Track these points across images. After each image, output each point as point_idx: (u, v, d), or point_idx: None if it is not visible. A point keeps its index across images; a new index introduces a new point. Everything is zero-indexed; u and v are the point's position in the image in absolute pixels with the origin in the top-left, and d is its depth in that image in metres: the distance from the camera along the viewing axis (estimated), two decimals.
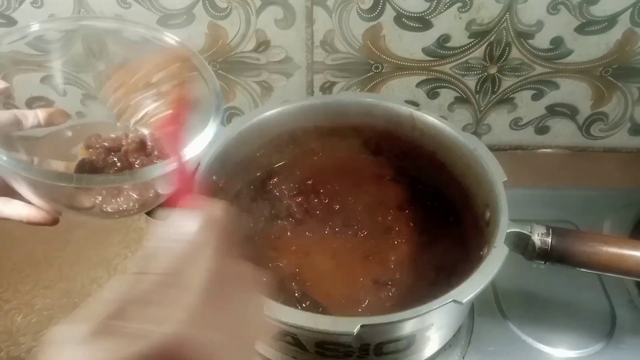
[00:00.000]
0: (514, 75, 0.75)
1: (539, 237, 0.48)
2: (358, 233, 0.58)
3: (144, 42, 0.56)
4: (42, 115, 0.47)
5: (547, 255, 0.48)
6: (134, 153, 0.49)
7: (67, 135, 0.52)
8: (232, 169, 0.57)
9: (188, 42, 0.71)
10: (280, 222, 0.59)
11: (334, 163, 0.64)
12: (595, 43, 0.71)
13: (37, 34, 0.50)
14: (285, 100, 0.60)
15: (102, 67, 0.75)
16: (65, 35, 0.72)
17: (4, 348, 0.58)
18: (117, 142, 0.50)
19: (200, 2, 0.68)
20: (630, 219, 0.70)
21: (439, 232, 0.58)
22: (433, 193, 0.62)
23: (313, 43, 0.72)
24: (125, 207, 0.46)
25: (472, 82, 0.76)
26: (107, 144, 0.50)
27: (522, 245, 0.49)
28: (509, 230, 0.47)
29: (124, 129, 0.54)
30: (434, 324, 0.46)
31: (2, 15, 0.69)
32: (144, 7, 0.68)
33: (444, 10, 0.68)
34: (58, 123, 0.50)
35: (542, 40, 0.71)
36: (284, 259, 0.56)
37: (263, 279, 0.33)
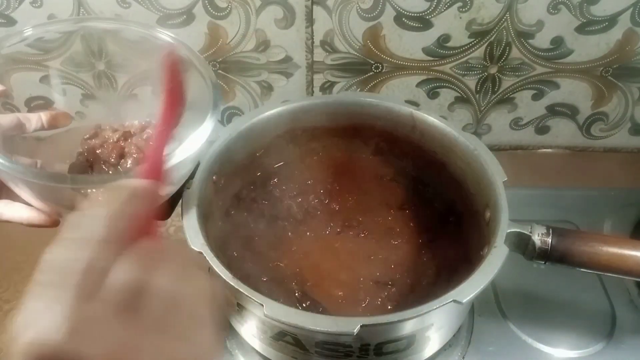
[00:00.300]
0: (514, 75, 0.75)
1: (539, 237, 0.48)
2: (358, 233, 0.58)
3: (143, 40, 0.56)
4: (45, 119, 0.47)
5: (547, 255, 0.48)
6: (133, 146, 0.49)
7: (70, 137, 0.52)
8: (232, 169, 0.57)
9: (188, 41, 0.72)
10: (281, 222, 0.59)
11: (334, 163, 0.64)
12: (596, 43, 0.71)
13: (35, 37, 0.50)
14: (285, 100, 0.60)
15: (101, 66, 0.75)
16: (65, 35, 0.72)
17: (4, 348, 0.58)
18: (119, 132, 0.51)
19: (200, 2, 0.68)
20: (631, 219, 0.70)
21: (439, 232, 0.58)
22: (433, 193, 0.62)
23: (313, 43, 0.72)
24: None
25: (472, 82, 0.76)
26: (108, 135, 0.50)
27: (522, 245, 0.49)
28: (509, 230, 0.47)
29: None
30: (434, 324, 0.46)
31: (2, 15, 0.69)
32: (144, 6, 0.68)
33: (444, 10, 0.68)
34: (62, 126, 0.50)
35: (542, 40, 0.71)
36: (285, 259, 0.56)
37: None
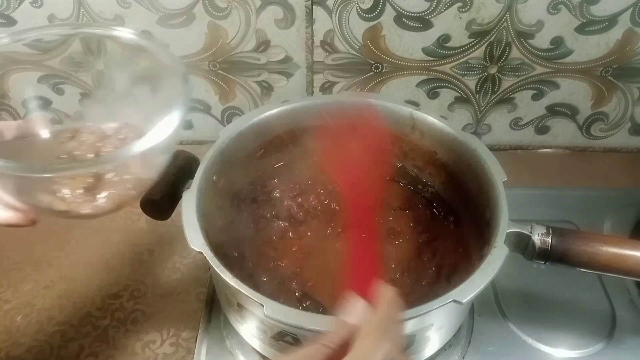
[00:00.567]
0: (514, 75, 0.75)
1: (539, 237, 0.48)
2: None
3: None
4: (23, 126, 0.46)
5: (547, 255, 0.48)
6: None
7: (49, 142, 0.51)
8: (232, 169, 0.57)
9: (188, 42, 0.72)
10: (281, 222, 0.59)
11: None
12: (596, 43, 0.71)
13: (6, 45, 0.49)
14: (285, 100, 0.60)
15: (100, 66, 0.75)
16: (64, 36, 0.72)
17: (4, 348, 0.58)
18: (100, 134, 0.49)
19: (200, 2, 0.68)
20: (630, 219, 0.70)
21: (439, 232, 0.58)
22: (433, 193, 0.62)
23: (313, 43, 0.72)
24: (102, 203, 0.45)
25: (472, 82, 0.76)
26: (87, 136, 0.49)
27: (522, 245, 0.49)
28: (509, 230, 0.47)
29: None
30: (434, 324, 0.46)
31: (2, 15, 0.69)
32: (144, 6, 0.68)
33: (444, 10, 0.68)
34: (39, 132, 0.48)
35: (542, 40, 0.71)
36: (285, 259, 0.56)
37: None
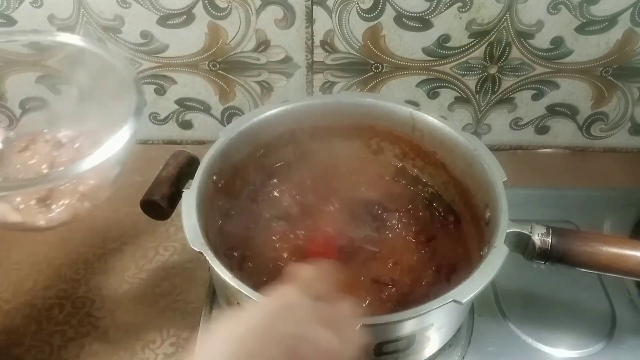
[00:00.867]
0: (514, 75, 0.75)
1: (539, 237, 0.48)
2: (359, 233, 0.58)
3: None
4: None
5: (547, 255, 0.48)
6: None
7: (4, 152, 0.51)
8: (232, 169, 0.57)
9: (188, 42, 0.72)
10: (281, 222, 0.59)
11: (334, 163, 0.64)
12: (596, 43, 0.71)
13: None
14: (285, 100, 0.60)
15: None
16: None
17: (4, 348, 0.58)
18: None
19: (200, 2, 0.68)
20: (630, 219, 0.70)
21: (439, 232, 0.58)
22: (433, 193, 0.62)
23: (313, 43, 0.72)
24: (56, 214, 0.45)
25: (472, 82, 0.76)
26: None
27: (522, 245, 0.49)
28: (509, 230, 0.47)
29: None
30: (434, 324, 0.46)
31: (2, 15, 0.69)
32: (144, 6, 0.68)
33: (444, 10, 0.68)
34: None
35: (542, 40, 0.71)
36: (285, 259, 0.56)
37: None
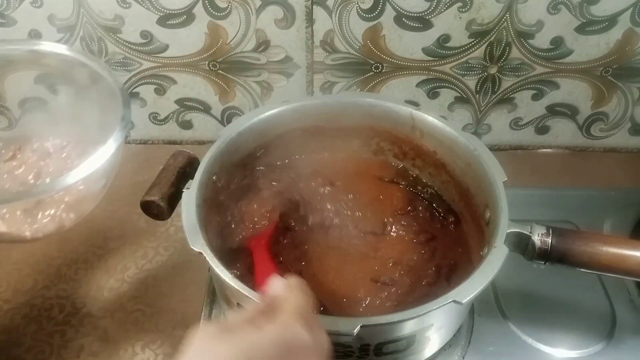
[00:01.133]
0: (514, 75, 0.75)
1: (539, 237, 0.48)
2: (359, 233, 0.58)
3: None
4: None
5: (547, 255, 0.48)
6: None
7: None
8: (232, 169, 0.57)
9: (188, 42, 0.72)
10: (281, 222, 0.59)
11: (334, 163, 0.64)
12: (596, 43, 0.71)
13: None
14: (285, 100, 0.60)
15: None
16: (64, 36, 0.72)
17: (4, 348, 0.58)
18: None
19: (200, 2, 0.68)
20: (630, 219, 0.70)
21: (439, 232, 0.58)
22: (433, 193, 0.62)
23: (313, 43, 0.72)
24: (41, 225, 0.45)
25: (472, 82, 0.76)
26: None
27: (522, 245, 0.49)
28: (509, 230, 0.47)
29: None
30: (434, 324, 0.46)
31: (2, 15, 0.69)
32: (144, 6, 0.68)
33: (444, 10, 0.68)
34: None
35: (542, 40, 0.71)
36: (285, 259, 0.56)
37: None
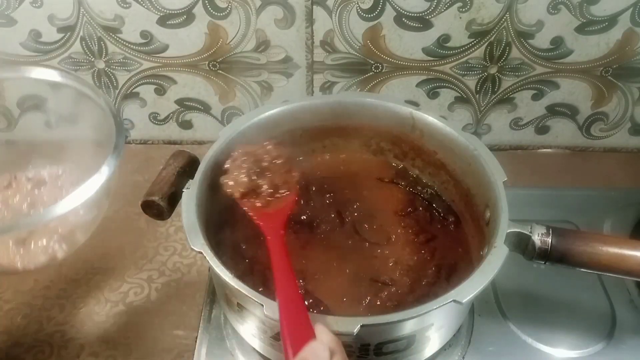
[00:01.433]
0: (514, 75, 0.75)
1: (539, 237, 0.48)
2: (359, 233, 0.58)
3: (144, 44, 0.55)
4: None
5: (547, 255, 0.48)
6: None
7: None
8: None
9: (188, 42, 0.72)
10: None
11: (334, 163, 0.64)
12: (596, 43, 0.71)
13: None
14: (285, 100, 0.60)
15: (101, 65, 0.75)
16: (64, 36, 0.72)
17: (4, 348, 0.58)
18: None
19: (200, 2, 0.68)
20: (630, 219, 0.70)
21: (439, 232, 0.58)
22: (433, 193, 0.62)
23: (313, 43, 0.72)
24: (33, 256, 0.45)
25: (472, 82, 0.76)
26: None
27: (522, 245, 0.49)
28: (509, 230, 0.47)
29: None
30: (434, 324, 0.46)
31: (2, 15, 0.69)
32: (144, 6, 0.68)
33: (444, 10, 0.68)
34: None
35: (542, 40, 0.71)
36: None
37: None
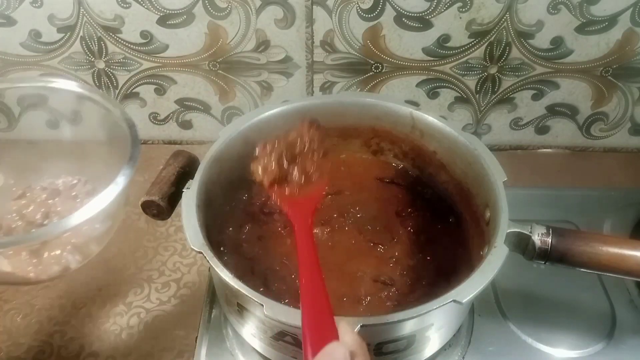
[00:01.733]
0: (514, 75, 0.75)
1: (539, 237, 0.48)
2: (359, 233, 0.58)
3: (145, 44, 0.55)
4: None
5: (547, 255, 0.48)
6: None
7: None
8: (232, 169, 0.57)
9: (188, 42, 0.72)
10: (281, 222, 0.59)
11: (334, 163, 0.64)
12: (596, 43, 0.71)
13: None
14: (285, 100, 0.60)
15: (101, 65, 0.75)
16: (64, 36, 0.72)
17: (4, 348, 0.58)
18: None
19: (200, 2, 0.68)
20: (630, 219, 0.70)
21: (439, 232, 0.58)
22: (433, 193, 0.62)
23: (313, 43, 0.72)
24: (46, 268, 0.45)
25: (472, 82, 0.76)
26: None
27: (522, 245, 0.49)
28: (509, 230, 0.47)
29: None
30: (434, 324, 0.46)
31: (2, 15, 0.69)
32: (144, 6, 0.68)
33: (444, 10, 0.68)
34: None
35: (542, 40, 0.71)
36: (285, 259, 0.56)
37: None
